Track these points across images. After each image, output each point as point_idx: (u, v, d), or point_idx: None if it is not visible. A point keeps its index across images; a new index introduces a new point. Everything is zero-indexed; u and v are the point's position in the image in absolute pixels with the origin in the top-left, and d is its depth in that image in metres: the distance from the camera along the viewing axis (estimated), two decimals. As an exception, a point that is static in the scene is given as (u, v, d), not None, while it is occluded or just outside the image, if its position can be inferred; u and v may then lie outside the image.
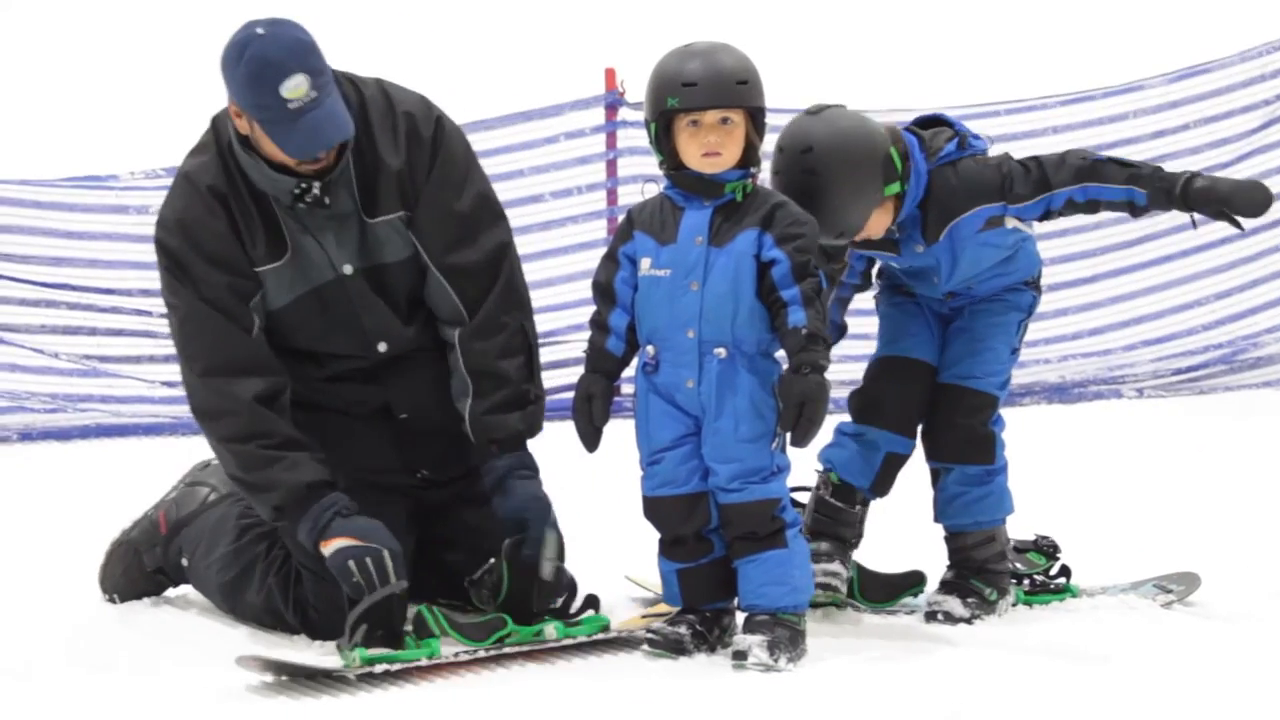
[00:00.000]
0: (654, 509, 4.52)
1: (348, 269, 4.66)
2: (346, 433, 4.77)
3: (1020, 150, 4.99)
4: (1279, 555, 5.71)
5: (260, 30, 4.47)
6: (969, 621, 4.86)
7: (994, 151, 4.93)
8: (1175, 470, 7.38)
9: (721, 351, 4.43)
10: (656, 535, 4.55)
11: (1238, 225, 4.89)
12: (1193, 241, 10.62)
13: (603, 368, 4.53)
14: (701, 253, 4.44)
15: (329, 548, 4.50)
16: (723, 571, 4.51)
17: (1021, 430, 4.99)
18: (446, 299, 4.71)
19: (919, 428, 5.01)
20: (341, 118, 4.50)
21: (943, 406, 4.97)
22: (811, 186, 4.64)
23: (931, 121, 4.96)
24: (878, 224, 4.80)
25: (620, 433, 4.57)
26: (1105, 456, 7.93)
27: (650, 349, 4.49)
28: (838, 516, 4.99)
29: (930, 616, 4.88)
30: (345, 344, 4.73)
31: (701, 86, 4.39)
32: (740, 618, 4.52)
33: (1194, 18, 13.39)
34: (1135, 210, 4.89)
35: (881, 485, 5.02)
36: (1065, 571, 5.13)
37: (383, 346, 4.73)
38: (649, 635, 4.50)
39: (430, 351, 4.79)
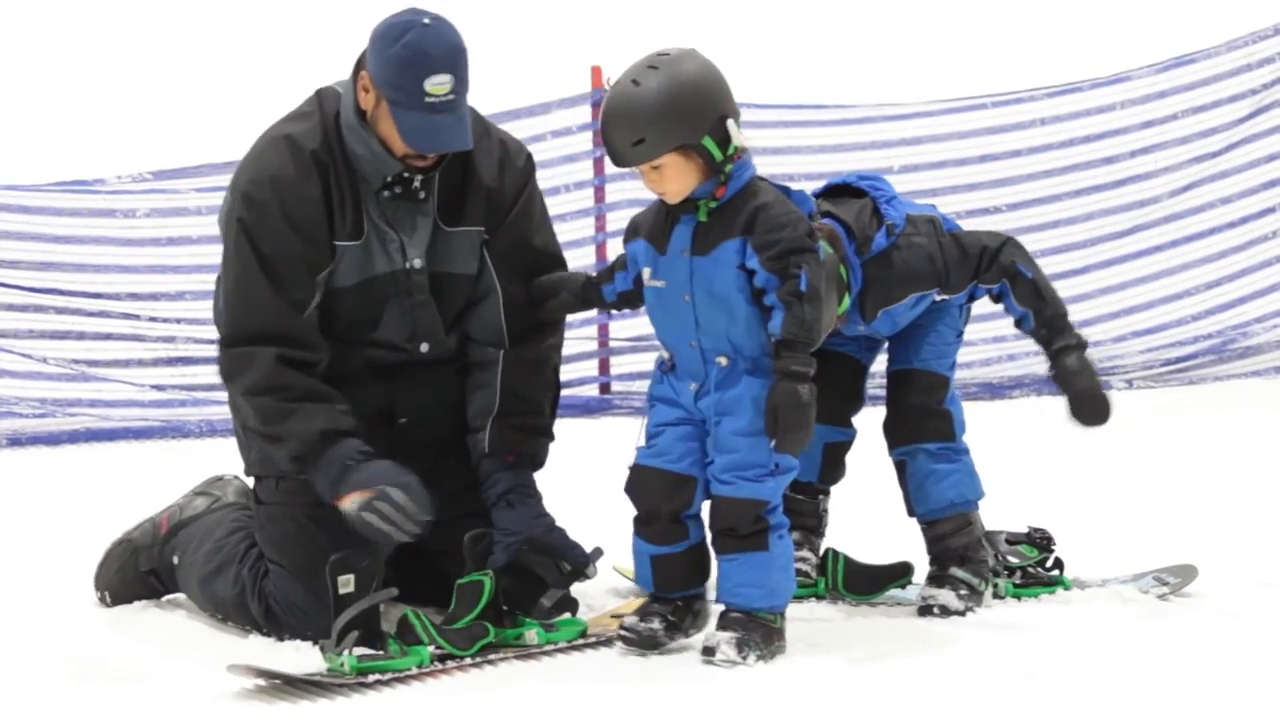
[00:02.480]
0: (640, 479, 4.53)
1: (417, 263, 4.75)
2: None
3: (1007, 143, 5.01)
4: (1270, 545, 5.72)
5: (426, 21, 4.60)
6: (962, 614, 4.86)
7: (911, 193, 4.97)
8: (1165, 461, 7.38)
9: (723, 360, 4.45)
10: (633, 513, 4.56)
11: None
12: (1182, 232, 10.64)
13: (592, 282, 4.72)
14: (686, 265, 4.46)
15: (344, 504, 4.56)
16: (697, 558, 4.53)
17: (1012, 422, 4.99)
18: (494, 322, 4.84)
19: (852, 414, 5.09)
20: (466, 130, 4.62)
21: (895, 392, 5.01)
22: None
23: (841, 188, 4.97)
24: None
25: (611, 428, 4.57)
26: (1095, 448, 7.92)
27: (667, 353, 4.56)
28: (798, 508, 5.05)
29: (925, 611, 4.88)
30: (395, 334, 4.78)
31: (610, 152, 4.47)
32: (716, 609, 4.53)
33: (1180, 8, 13.39)
34: (1017, 324, 4.96)
35: (830, 474, 5.12)
36: (1059, 564, 5.13)
37: (425, 347, 4.81)
38: (621, 633, 4.50)
39: (445, 365, 4.86)
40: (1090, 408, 4.83)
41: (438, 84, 4.56)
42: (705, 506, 4.54)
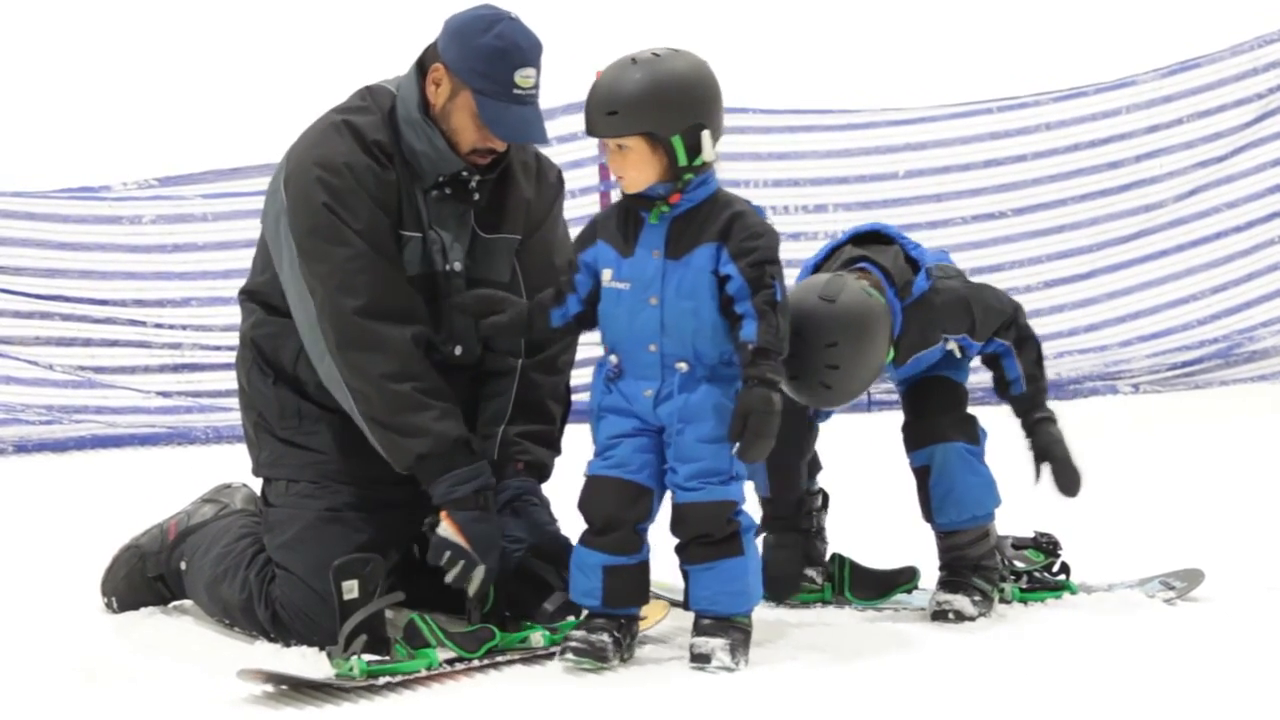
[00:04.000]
0: (598, 488, 4.46)
1: (457, 266, 4.75)
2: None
3: (1012, 148, 5.01)
4: (1276, 549, 5.71)
5: (511, 16, 4.64)
6: (974, 619, 4.86)
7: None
8: (1171, 466, 7.38)
9: (683, 366, 4.43)
10: (583, 526, 4.50)
11: (1037, 476, 4.99)
12: (1188, 237, 10.63)
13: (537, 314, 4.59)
14: (658, 266, 4.43)
15: (446, 525, 4.54)
16: (645, 576, 4.49)
17: (1018, 427, 4.99)
18: None
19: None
20: (543, 123, 4.66)
21: (918, 394, 5.00)
22: (833, 379, 4.65)
23: (869, 235, 4.97)
24: None
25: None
26: (1101, 453, 7.92)
27: (614, 358, 4.51)
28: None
29: (940, 615, 4.87)
30: (432, 335, 4.75)
31: (586, 118, 4.47)
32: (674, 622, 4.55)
33: (1185, 12, 13.39)
34: (1005, 387, 5.01)
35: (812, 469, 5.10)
36: (1065, 569, 5.13)
37: (458, 350, 4.80)
38: (570, 644, 4.43)
39: (463, 370, 4.85)
40: (1072, 476, 4.94)
41: (525, 76, 4.61)
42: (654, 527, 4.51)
